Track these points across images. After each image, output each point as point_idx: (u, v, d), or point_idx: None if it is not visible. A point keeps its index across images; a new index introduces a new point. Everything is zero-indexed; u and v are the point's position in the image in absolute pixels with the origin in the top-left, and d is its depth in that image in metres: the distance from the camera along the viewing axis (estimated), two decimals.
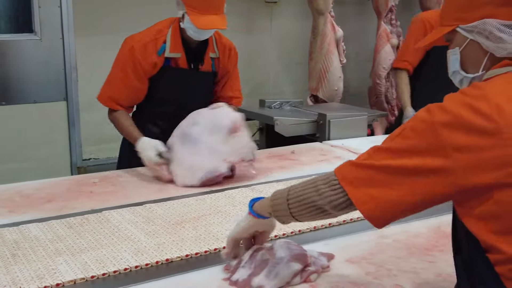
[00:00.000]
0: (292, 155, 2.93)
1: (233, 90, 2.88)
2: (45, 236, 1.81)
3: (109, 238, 1.79)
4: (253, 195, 2.20)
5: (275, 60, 5.88)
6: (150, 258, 1.64)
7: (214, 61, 2.75)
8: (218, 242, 1.76)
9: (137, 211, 2.04)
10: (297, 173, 2.58)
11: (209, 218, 1.98)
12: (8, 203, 2.17)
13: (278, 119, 3.48)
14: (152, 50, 2.56)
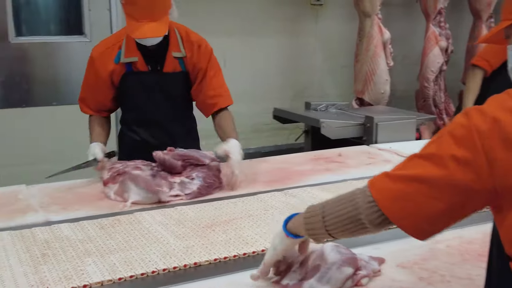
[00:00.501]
0: (338, 157, 2.90)
1: (215, 88, 2.66)
2: (76, 237, 1.82)
3: (138, 239, 1.79)
4: (286, 200, 2.17)
5: (320, 63, 5.85)
6: (178, 261, 1.62)
7: (182, 60, 2.60)
8: (248, 246, 1.74)
9: (168, 213, 2.03)
10: (344, 175, 2.55)
11: (240, 222, 1.95)
12: (60, 200, 2.22)
13: (324, 121, 3.46)
14: (108, 58, 2.53)
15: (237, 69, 5.49)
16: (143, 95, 2.59)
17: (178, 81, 2.62)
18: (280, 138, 5.79)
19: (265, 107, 5.54)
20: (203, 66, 2.62)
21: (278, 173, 2.62)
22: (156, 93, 2.60)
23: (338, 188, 2.29)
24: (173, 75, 2.59)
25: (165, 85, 2.59)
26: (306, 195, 2.23)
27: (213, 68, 2.65)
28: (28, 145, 4.67)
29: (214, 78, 2.65)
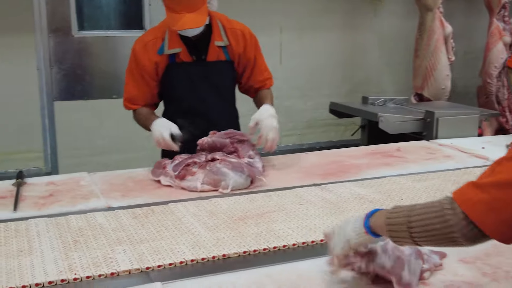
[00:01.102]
0: (397, 152, 2.85)
1: (263, 73, 2.72)
2: (109, 225, 1.83)
3: (170, 230, 1.79)
4: (322, 194, 2.14)
5: (378, 59, 5.76)
6: (207, 253, 1.61)
7: (226, 49, 2.59)
8: (279, 240, 1.71)
9: (202, 205, 2.02)
10: (402, 170, 2.50)
11: (273, 215, 1.92)
12: (121, 187, 2.27)
13: (382, 115, 3.40)
14: (152, 50, 2.52)
15: (292, 64, 5.49)
16: (187, 85, 2.58)
17: (222, 70, 2.62)
18: (335, 133, 5.75)
19: (320, 102, 5.51)
20: (252, 56, 2.65)
21: (333, 166, 2.59)
22: (201, 83, 2.59)
23: (382, 184, 2.27)
24: (217, 64, 2.58)
25: (209, 74, 2.59)
26: (343, 190, 2.19)
27: (260, 55, 2.71)
28: (89, 137, 4.81)
29: (262, 64, 2.72)
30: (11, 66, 4.51)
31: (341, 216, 1.90)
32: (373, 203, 2.03)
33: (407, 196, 2.13)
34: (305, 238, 1.72)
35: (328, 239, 1.44)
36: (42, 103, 4.66)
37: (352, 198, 2.10)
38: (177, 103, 2.66)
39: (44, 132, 4.70)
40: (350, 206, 2.02)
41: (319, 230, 1.77)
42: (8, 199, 2.11)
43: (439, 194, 2.12)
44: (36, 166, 4.67)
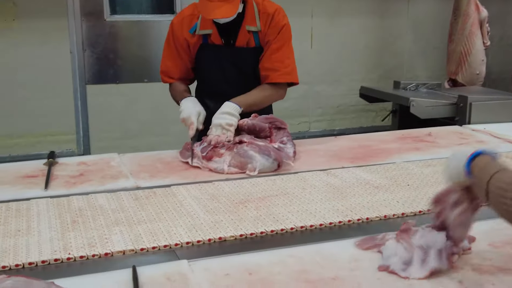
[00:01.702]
0: (428, 137, 2.80)
1: (272, 62, 2.52)
2: (109, 206, 1.83)
3: (169, 212, 1.78)
4: (327, 179, 2.10)
5: (411, 44, 5.67)
6: (203, 235, 1.60)
7: (257, 35, 2.53)
8: (277, 224, 1.68)
9: (204, 188, 2.00)
10: (433, 155, 2.46)
11: (274, 199, 1.89)
12: (150, 168, 2.29)
13: (414, 100, 3.35)
14: (186, 27, 2.53)
15: (323, 49, 5.44)
16: (215, 68, 2.57)
17: (250, 57, 2.56)
18: (366, 119, 5.69)
19: (351, 88, 5.46)
20: (271, 39, 2.53)
21: (362, 150, 2.56)
22: (228, 67, 2.57)
23: (389, 170, 2.22)
24: (246, 50, 2.54)
25: (237, 60, 2.56)
26: (349, 175, 2.14)
27: (279, 41, 2.53)
28: (120, 120, 4.87)
29: (277, 52, 2.52)
30: (45, 50, 4.58)
31: (344, 201, 1.87)
32: (378, 188, 1.99)
33: (413, 182, 2.07)
34: (304, 222, 1.69)
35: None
36: (75, 86, 4.73)
37: (357, 183, 2.06)
38: (207, 84, 2.67)
39: (77, 115, 4.77)
40: (354, 191, 1.97)
41: (319, 214, 1.75)
42: (39, 178, 2.15)
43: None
44: (68, 148, 4.76)
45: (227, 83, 2.58)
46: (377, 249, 1.51)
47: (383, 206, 1.84)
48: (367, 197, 1.91)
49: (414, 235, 1.45)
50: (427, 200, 1.84)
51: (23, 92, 4.57)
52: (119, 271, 1.39)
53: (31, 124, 4.63)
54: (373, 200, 1.89)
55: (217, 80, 2.60)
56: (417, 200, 1.89)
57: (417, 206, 1.83)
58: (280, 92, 2.61)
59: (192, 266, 1.42)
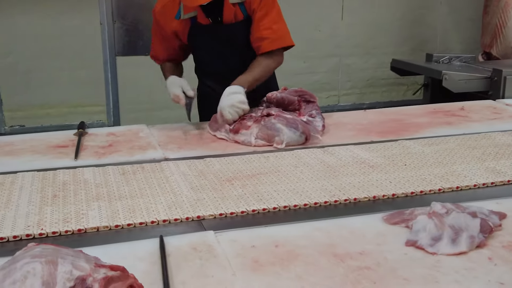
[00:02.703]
0: (460, 111, 2.74)
1: (260, 30, 2.44)
2: (94, 181, 1.81)
3: (153, 188, 1.74)
4: (322, 157, 2.03)
5: (444, 16, 5.53)
6: (181, 213, 1.56)
7: (243, 6, 2.44)
8: (260, 203, 1.63)
9: (194, 164, 1.96)
10: (465, 129, 2.41)
11: (263, 177, 1.84)
12: (178, 140, 2.30)
13: (446, 73, 3.28)
14: (170, 14, 2.47)
15: (354, 21, 5.35)
16: (208, 48, 2.54)
17: (241, 30, 2.49)
18: (397, 93, 5.61)
19: (382, 61, 5.37)
20: (255, 7, 2.44)
21: (393, 124, 2.53)
22: (221, 46, 2.52)
23: (389, 148, 2.13)
24: (235, 25, 2.47)
25: (228, 36, 2.50)
26: (346, 154, 2.07)
27: (263, 8, 2.44)
28: (149, 92, 4.89)
29: (264, 19, 2.44)
30: (75, 21, 4.61)
31: (334, 180, 1.80)
32: (374, 168, 1.92)
33: (412, 161, 1.99)
34: (288, 201, 1.64)
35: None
36: (105, 58, 4.76)
37: (352, 162, 1.98)
38: (203, 64, 2.66)
39: (107, 86, 4.81)
40: (348, 170, 1.90)
41: (305, 194, 1.69)
42: (69, 148, 2.18)
43: (448, 159, 2.00)
44: (99, 120, 4.81)
45: (222, 61, 2.54)
46: (404, 224, 1.49)
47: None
48: (360, 177, 1.84)
49: (448, 215, 1.43)
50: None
51: (55, 63, 4.62)
52: (146, 241, 1.41)
53: (62, 95, 4.69)
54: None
55: (211, 60, 2.58)
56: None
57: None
58: (277, 59, 2.54)
59: (218, 237, 1.43)
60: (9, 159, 2.07)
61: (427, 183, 1.79)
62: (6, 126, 4.61)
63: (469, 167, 1.92)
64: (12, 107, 4.60)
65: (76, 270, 1.04)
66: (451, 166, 1.94)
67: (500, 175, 1.85)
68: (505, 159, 2.00)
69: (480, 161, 1.99)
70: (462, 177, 1.83)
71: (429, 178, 1.83)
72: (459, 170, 1.90)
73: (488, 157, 2.03)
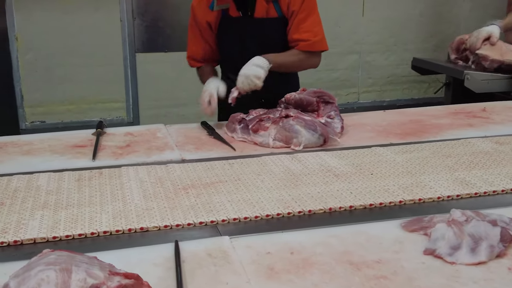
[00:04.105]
0: (482, 112, 2.70)
1: (300, 32, 2.47)
2: (47, 187, 1.76)
3: (104, 196, 1.69)
4: (289, 165, 1.95)
5: (468, 12, 5.45)
6: (125, 224, 1.50)
7: (277, 4, 2.46)
8: (207, 215, 1.56)
9: (155, 170, 1.90)
10: (487, 132, 2.37)
11: (221, 186, 1.77)
12: (195, 140, 2.30)
13: (468, 73, 3.22)
14: (206, 6, 2.50)
15: (375, 17, 5.29)
16: (236, 42, 2.55)
17: (272, 27, 2.51)
18: (418, 91, 5.55)
19: (403, 58, 5.31)
20: (296, 9, 2.46)
21: (413, 125, 2.50)
22: (249, 41, 2.53)
23: (361, 155, 2.04)
24: (266, 20, 2.48)
25: (257, 31, 2.50)
26: (314, 161, 1.99)
27: (305, 10, 2.47)
28: (169, 88, 4.91)
29: (305, 22, 2.48)
30: (96, 17, 4.63)
31: (293, 191, 1.72)
32: (338, 177, 1.83)
33: (380, 170, 1.89)
34: (238, 214, 1.57)
35: None
36: (125, 54, 4.78)
37: (318, 170, 1.90)
38: (229, 60, 2.65)
39: (127, 83, 4.83)
40: (310, 179, 1.82)
41: (258, 205, 1.62)
42: (88, 148, 2.19)
43: (418, 169, 1.90)
44: (118, 116, 4.84)
45: (246, 56, 2.49)
46: (423, 232, 1.46)
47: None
48: (321, 188, 1.75)
49: (467, 224, 1.41)
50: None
51: (75, 59, 4.65)
52: (161, 245, 1.40)
53: (82, 91, 4.72)
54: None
55: (238, 53, 2.55)
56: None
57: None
58: (313, 60, 2.58)
59: (233, 243, 1.42)
60: (27, 159, 2.09)
61: (389, 194, 1.70)
62: (27, 121, 4.65)
63: (438, 177, 1.83)
64: (32, 103, 4.65)
65: (90, 278, 1.04)
66: (420, 176, 1.85)
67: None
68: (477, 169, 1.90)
69: (452, 171, 1.89)
70: (427, 188, 1.75)
71: (393, 188, 1.74)
72: (426, 180, 1.80)
73: (461, 166, 1.94)
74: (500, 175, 1.85)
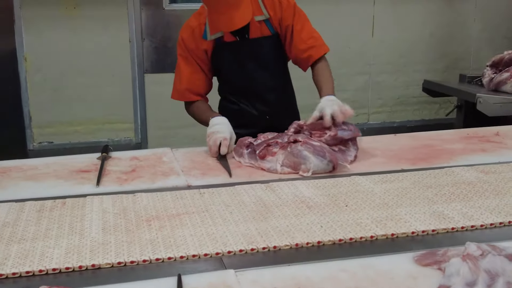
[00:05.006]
0: (495, 137, 2.63)
1: (305, 41, 2.52)
2: (4, 219, 1.67)
3: (61, 228, 1.60)
4: (261, 195, 1.86)
5: (479, 33, 5.41)
6: (76, 262, 1.40)
7: (269, 22, 2.53)
8: (167, 251, 1.46)
9: (120, 200, 1.82)
10: (500, 157, 2.31)
11: (186, 217, 1.67)
12: (202, 165, 2.25)
13: (481, 96, 3.17)
14: (198, 36, 2.51)
15: (385, 38, 5.27)
16: (235, 65, 2.57)
17: (268, 46, 2.57)
18: (429, 112, 5.49)
19: (414, 79, 5.27)
20: (289, 23, 2.52)
21: (424, 150, 2.44)
22: (248, 62, 2.57)
23: (338, 185, 1.95)
24: (261, 40, 2.54)
25: (255, 52, 2.55)
26: (288, 191, 1.89)
27: (299, 21, 2.54)
28: (177, 109, 4.86)
29: (303, 31, 2.53)
30: (104, 38, 4.63)
31: (261, 224, 1.62)
32: (311, 209, 1.73)
33: (355, 202, 1.79)
34: (198, 250, 1.47)
35: None
36: (134, 75, 4.77)
37: (291, 201, 1.80)
38: (229, 84, 2.68)
39: (135, 103, 4.82)
40: (281, 211, 1.72)
41: (221, 240, 1.52)
42: (92, 173, 2.15)
43: (396, 201, 1.80)
44: (126, 137, 4.81)
45: (249, 77, 2.58)
46: (437, 266, 1.40)
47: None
48: (290, 222, 1.64)
49: (483, 258, 1.34)
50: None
51: (84, 80, 4.65)
52: (163, 279, 1.35)
53: (90, 112, 4.71)
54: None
55: (238, 77, 2.60)
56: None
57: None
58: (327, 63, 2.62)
59: (239, 277, 1.36)
60: (30, 184, 2.05)
61: (360, 228, 1.60)
62: (35, 142, 4.64)
63: (414, 210, 1.72)
64: (40, 124, 4.64)
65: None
66: (396, 209, 1.74)
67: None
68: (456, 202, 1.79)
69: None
70: (402, 222, 1.64)
71: (366, 222, 1.63)
72: (402, 213, 1.70)
73: (440, 198, 1.82)
74: (481, 208, 1.74)
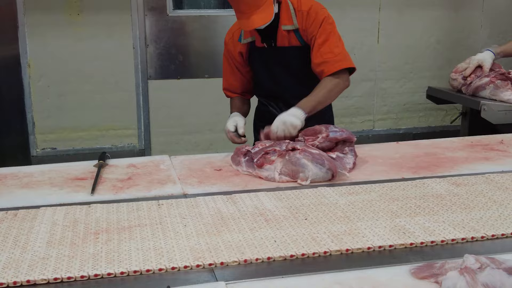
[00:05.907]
0: (500, 145, 2.59)
1: (322, 55, 2.52)
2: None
3: (5, 242, 1.55)
4: (221, 207, 1.80)
5: (486, 39, 5.35)
6: (11, 277, 1.35)
7: (298, 33, 2.58)
8: (107, 266, 1.39)
9: (78, 211, 1.77)
10: (504, 166, 2.26)
11: (138, 230, 1.62)
12: (199, 173, 2.22)
13: (485, 103, 3.12)
14: (236, 39, 2.70)
15: (390, 44, 5.23)
16: (264, 71, 2.70)
17: (294, 56, 2.62)
18: (434, 119, 5.44)
19: (419, 85, 5.22)
20: (314, 35, 2.56)
21: (426, 159, 2.40)
22: (274, 68, 2.67)
23: (303, 196, 1.89)
24: (288, 49, 2.61)
25: (281, 59, 2.63)
26: (251, 203, 1.84)
27: (323, 35, 2.54)
28: (181, 116, 4.86)
29: (324, 45, 2.53)
30: (108, 44, 4.62)
31: (213, 238, 1.56)
32: (268, 222, 1.68)
33: (316, 215, 1.73)
34: (140, 266, 1.40)
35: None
36: (137, 81, 4.75)
37: (250, 213, 1.75)
38: (260, 86, 2.81)
39: (139, 110, 4.80)
40: (237, 225, 1.66)
41: (167, 255, 1.46)
42: (88, 181, 2.12)
43: (358, 214, 1.73)
44: (130, 143, 4.79)
45: (276, 84, 2.70)
46: (434, 279, 1.36)
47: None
48: (241, 238, 1.57)
49: (481, 272, 1.30)
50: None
51: (87, 86, 4.64)
52: None
53: (94, 118, 4.69)
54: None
55: (266, 81, 2.73)
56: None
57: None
58: (342, 82, 2.55)
59: None
60: (25, 192, 2.03)
61: (315, 243, 1.53)
62: (38, 148, 4.63)
63: (375, 224, 1.65)
64: (44, 130, 4.63)
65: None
66: (356, 222, 1.67)
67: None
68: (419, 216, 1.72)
69: None
70: (360, 236, 1.57)
71: (322, 237, 1.56)
72: (361, 227, 1.63)
73: (405, 212, 1.76)
74: (445, 223, 1.67)
